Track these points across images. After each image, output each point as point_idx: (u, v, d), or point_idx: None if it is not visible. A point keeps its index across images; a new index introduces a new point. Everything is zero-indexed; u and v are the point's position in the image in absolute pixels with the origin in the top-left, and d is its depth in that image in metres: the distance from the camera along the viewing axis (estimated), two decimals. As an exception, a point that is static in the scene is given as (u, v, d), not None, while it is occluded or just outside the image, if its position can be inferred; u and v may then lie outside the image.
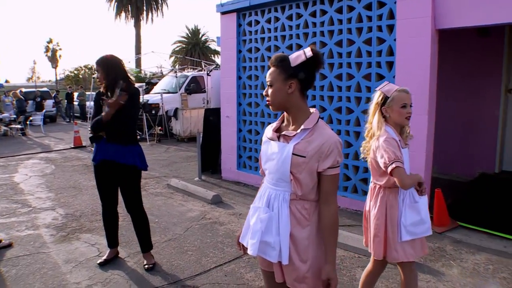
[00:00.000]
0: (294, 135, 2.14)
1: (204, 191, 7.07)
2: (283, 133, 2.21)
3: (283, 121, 2.29)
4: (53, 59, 49.63)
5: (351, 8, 5.93)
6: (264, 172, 2.33)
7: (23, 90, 23.00)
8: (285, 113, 2.25)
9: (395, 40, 5.41)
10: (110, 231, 4.52)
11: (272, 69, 2.18)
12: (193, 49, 42.98)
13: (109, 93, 4.09)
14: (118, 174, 4.19)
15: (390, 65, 5.55)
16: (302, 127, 2.13)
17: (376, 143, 2.88)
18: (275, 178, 2.21)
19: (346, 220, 5.67)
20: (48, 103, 23.07)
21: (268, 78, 2.20)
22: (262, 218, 2.21)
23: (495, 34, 6.75)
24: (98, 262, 4.45)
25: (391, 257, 2.93)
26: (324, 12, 6.27)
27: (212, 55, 43.73)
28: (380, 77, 5.68)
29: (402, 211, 2.87)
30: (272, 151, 2.22)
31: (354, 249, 4.65)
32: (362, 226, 3.22)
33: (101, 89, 4.17)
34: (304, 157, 2.09)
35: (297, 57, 2.09)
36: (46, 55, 49.62)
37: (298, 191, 2.14)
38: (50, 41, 49.74)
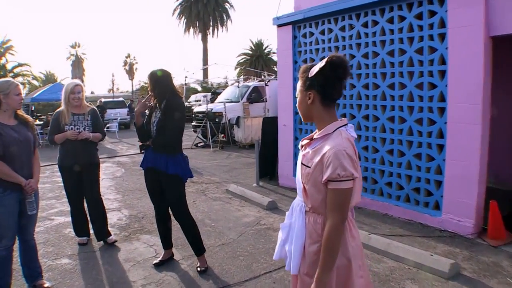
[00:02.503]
0: (309, 145, 2.09)
1: (260, 197, 7.05)
2: (302, 142, 2.17)
3: None
4: (130, 72, 51.79)
5: (402, 18, 5.70)
6: None
7: (102, 100, 24.19)
8: None
9: (446, 48, 5.14)
10: (163, 233, 4.58)
11: (298, 81, 2.14)
12: (257, 61, 43.47)
13: (157, 106, 4.21)
14: (161, 182, 4.24)
15: (442, 74, 5.27)
16: (315, 136, 2.07)
17: None
18: (297, 187, 2.19)
19: (398, 230, 5.44)
20: (123, 112, 24.12)
21: (296, 90, 2.16)
22: (283, 224, 2.25)
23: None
24: (154, 262, 4.55)
25: None
26: (375, 23, 6.09)
27: (274, 67, 43.93)
28: (433, 86, 5.41)
29: None
30: (298, 159, 2.20)
31: (404, 260, 4.41)
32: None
33: (150, 102, 4.28)
34: (309, 167, 2.00)
35: (314, 68, 2.01)
36: (124, 68, 51.91)
37: (308, 203, 2.06)
38: (128, 56, 52.02)
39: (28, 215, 3.67)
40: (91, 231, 5.30)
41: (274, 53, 44.52)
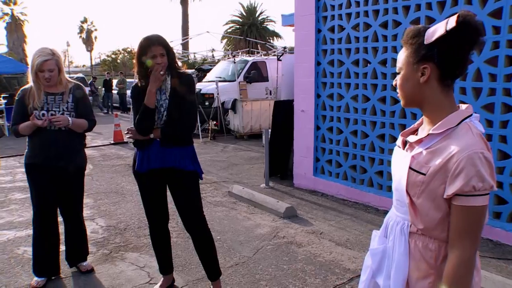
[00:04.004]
0: (419, 142, 1.87)
1: (275, 202, 6.93)
2: (407, 138, 1.97)
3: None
4: (88, 41, 51.42)
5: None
6: None
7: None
8: None
9: None
10: (162, 254, 4.32)
11: (402, 49, 1.90)
12: (249, 31, 43.32)
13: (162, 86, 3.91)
14: (173, 184, 4.02)
15: None
16: (430, 130, 1.82)
17: None
18: (395, 199, 1.99)
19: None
20: None
21: (397, 63, 1.93)
22: (374, 250, 2.08)
23: None
24: None
25: None
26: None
27: (270, 38, 43.83)
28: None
29: None
30: (395, 161, 2.02)
31: None
32: None
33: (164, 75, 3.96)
34: (424, 174, 1.79)
35: (434, 30, 1.75)
36: (80, 36, 51.49)
37: (417, 223, 1.86)
38: (84, 21, 51.57)
39: None
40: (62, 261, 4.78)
41: (271, 21, 44.53)
